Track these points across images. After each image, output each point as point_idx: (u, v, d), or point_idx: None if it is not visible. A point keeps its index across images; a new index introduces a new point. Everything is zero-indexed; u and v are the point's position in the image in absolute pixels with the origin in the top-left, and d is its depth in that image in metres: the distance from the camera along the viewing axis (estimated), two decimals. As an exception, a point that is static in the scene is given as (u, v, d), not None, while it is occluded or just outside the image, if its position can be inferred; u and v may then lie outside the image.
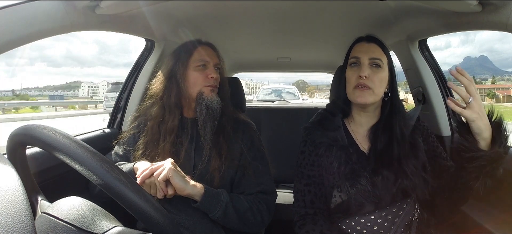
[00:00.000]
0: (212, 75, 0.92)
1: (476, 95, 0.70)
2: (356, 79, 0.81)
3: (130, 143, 0.96)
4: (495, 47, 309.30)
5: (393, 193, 0.78)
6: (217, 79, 0.95)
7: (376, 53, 0.82)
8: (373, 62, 0.81)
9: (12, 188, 0.35)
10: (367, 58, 0.82)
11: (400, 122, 0.83)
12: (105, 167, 0.43)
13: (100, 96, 73.46)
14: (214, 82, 0.93)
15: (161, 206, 0.46)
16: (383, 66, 0.82)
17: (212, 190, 0.83)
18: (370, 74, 0.80)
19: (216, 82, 0.94)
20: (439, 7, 0.88)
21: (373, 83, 0.80)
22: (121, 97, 1.38)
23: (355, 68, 0.83)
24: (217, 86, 0.95)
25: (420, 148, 0.82)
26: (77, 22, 0.81)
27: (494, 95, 46.29)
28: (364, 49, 0.83)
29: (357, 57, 0.83)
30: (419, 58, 1.25)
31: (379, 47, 0.84)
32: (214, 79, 0.93)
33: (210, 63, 0.94)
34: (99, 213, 0.47)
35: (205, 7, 1.07)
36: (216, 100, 0.92)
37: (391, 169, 0.79)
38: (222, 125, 0.93)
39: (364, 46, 0.84)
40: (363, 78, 0.80)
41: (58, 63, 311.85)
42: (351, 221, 0.80)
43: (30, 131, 0.48)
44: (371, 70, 0.81)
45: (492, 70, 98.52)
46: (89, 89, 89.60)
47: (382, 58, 0.82)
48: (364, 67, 0.81)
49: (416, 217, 0.82)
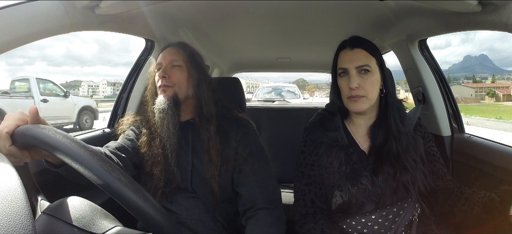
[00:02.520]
0: (161, 74, 0.90)
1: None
2: (348, 90, 0.81)
3: (131, 135, 0.95)
4: (495, 46, 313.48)
5: (393, 189, 0.78)
6: (169, 77, 0.89)
7: (362, 59, 0.80)
8: (361, 69, 0.80)
9: (12, 188, 0.35)
10: (353, 68, 0.80)
11: (396, 116, 0.83)
12: (105, 167, 0.43)
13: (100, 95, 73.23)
14: (162, 82, 0.89)
15: (161, 205, 0.46)
16: (372, 70, 0.80)
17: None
18: (360, 82, 0.79)
19: (167, 81, 0.89)
20: (439, 7, 0.88)
21: (365, 90, 0.79)
22: (121, 97, 1.38)
23: (344, 78, 0.82)
24: (168, 85, 0.89)
25: (419, 142, 0.83)
26: (77, 22, 0.81)
27: (494, 94, 46.31)
28: (349, 58, 0.81)
29: (344, 68, 0.82)
30: (419, 58, 1.25)
31: (364, 51, 0.81)
32: (163, 79, 0.89)
33: (162, 64, 0.92)
34: (99, 213, 0.47)
35: (205, 7, 1.07)
36: (164, 100, 0.88)
37: (391, 164, 0.79)
38: (206, 127, 0.90)
39: (348, 55, 0.82)
40: (354, 90, 0.79)
41: (58, 62, 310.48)
42: (352, 220, 0.80)
43: (30, 131, 0.48)
44: (360, 78, 0.79)
45: (492, 69, 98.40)
46: (89, 88, 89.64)
47: (370, 62, 0.80)
48: (353, 78, 0.79)
49: (416, 217, 0.83)
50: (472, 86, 57.51)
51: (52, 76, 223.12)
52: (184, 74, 0.91)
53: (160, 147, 0.89)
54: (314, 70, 2.59)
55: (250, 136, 0.94)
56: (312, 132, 0.88)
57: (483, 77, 77.06)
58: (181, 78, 0.91)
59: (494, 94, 42.87)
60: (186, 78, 0.92)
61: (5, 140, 0.49)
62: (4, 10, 0.66)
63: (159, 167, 0.88)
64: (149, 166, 0.89)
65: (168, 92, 0.89)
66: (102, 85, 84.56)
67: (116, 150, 0.86)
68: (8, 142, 0.49)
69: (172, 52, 0.93)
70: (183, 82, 0.91)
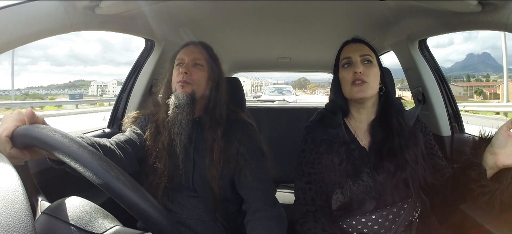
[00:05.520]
0: (182, 71, 0.90)
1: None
2: (352, 76, 0.83)
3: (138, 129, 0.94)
4: (498, 44, 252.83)
5: (394, 186, 0.78)
6: (191, 75, 0.90)
7: (365, 50, 0.86)
8: (365, 59, 0.84)
9: (12, 188, 0.35)
10: (358, 56, 0.84)
11: (396, 113, 0.85)
12: (104, 166, 0.43)
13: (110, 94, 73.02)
14: (183, 77, 0.89)
15: (160, 205, 0.46)
16: (374, 62, 0.85)
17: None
18: (364, 70, 0.83)
19: (188, 77, 0.89)
20: (439, 7, 0.88)
21: (369, 77, 0.82)
22: (121, 97, 1.39)
23: (348, 68, 0.85)
24: (188, 81, 0.89)
25: (419, 137, 0.84)
26: (77, 22, 0.81)
27: (482, 92, 46.92)
28: (354, 49, 0.86)
29: (348, 57, 0.86)
30: (419, 58, 1.25)
31: (366, 46, 0.87)
32: (184, 74, 0.89)
33: (185, 60, 0.92)
34: (98, 212, 0.47)
35: (205, 7, 1.07)
36: (183, 96, 0.88)
37: (392, 160, 0.79)
38: (213, 126, 0.91)
39: (352, 47, 0.87)
40: (359, 74, 0.82)
41: (61, 62, 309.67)
42: (352, 220, 0.80)
43: (29, 131, 0.48)
44: (364, 67, 0.83)
45: (494, 67, 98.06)
46: (98, 87, 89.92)
47: (372, 55, 0.86)
48: (358, 64, 0.83)
49: (416, 217, 0.83)
50: (461, 85, 58.33)
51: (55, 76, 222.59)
52: (204, 74, 0.93)
53: (167, 141, 0.89)
54: (314, 70, 2.59)
55: (253, 140, 0.95)
56: (313, 130, 0.88)
57: (485, 76, 77.05)
58: (201, 78, 0.92)
59: (481, 93, 43.51)
60: (206, 78, 0.93)
61: (5, 143, 0.49)
62: (4, 10, 0.66)
63: (163, 162, 0.88)
64: (153, 160, 0.89)
65: (187, 89, 0.89)
66: (112, 85, 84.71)
67: (122, 143, 0.85)
68: (8, 145, 0.49)
69: (196, 51, 0.94)
70: (202, 82, 0.92)
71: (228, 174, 0.90)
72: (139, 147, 0.90)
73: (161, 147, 0.89)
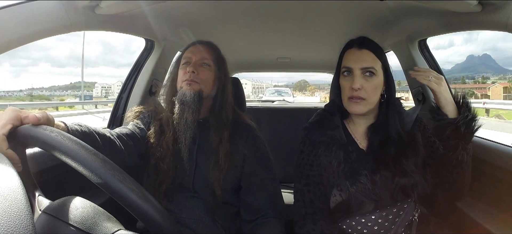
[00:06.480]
0: (190, 69, 0.90)
1: (437, 74, 0.83)
2: (349, 90, 0.80)
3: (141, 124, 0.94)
4: (498, 46, 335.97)
5: (392, 191, 0.78)
6: (198, 74, 0.90)
7: (367, 61, 0.80)
8: (366, 71, 0.80)
9: (12, 188, 0.35)
10: (358, 69, 0.80)
11: (396, 120, 0.83)
12: (104, 166, 0.43)
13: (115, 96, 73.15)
14: (190, 76, 0.89)
15: (161, 205, 0.46)
16: (376, 73, 0.80)
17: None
18: (363, 84, 0.79)
19: (195, 76, 0.89)
20: (439, 7, 0.88)
21: (367, 93, 0.79)
22: (121, 97, 1.38)
23: (347, 78, 0.82)
24: (195, 80, 0.89)
25: (420, 144, 0.83)
26: (77, 22, 0.81)
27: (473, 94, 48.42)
28: (356, 58, 0.81)
29: (348, 67, 0.81)
30: (419, 58, 1.25)
31: (371, 53, 0.81)
32: (191, 73, 0.89)
33: (192, 59, 0.92)
34: (101, 215, 0.46)
35: (205, 7, 1.07)
36: (190, 93, 0.87)
37: (389, 168, 0.79)
38: (220, 128, 0.91)
39: (355, 54, 0.82)
40: (356, 91, 0.79)
41: (62, 63, 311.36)
42: (352, 221, 0.80)
43: (29, 131, 0.48)
44: (364, 80, 0.79)
45: (494, 69, 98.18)
46: (103, 89, 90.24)
47: (375, 65, 0.80)
48: (357, 79, 0.79)
49: (416, 217, 0.83)
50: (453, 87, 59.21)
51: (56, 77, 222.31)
52: (211, 74, 0.93)
53: (171, 141, 0.88)
54: (314, 70, 2.59)
55: (260, 146, 0.95)
56: (311, 131, 0.88)
57: (486, 77, 77.28)
58: (208, 78, 0.92)
59: (473, 94, 44.87)
60: (213, 78, 0.93)
61: (1, 142, 0.48)
62: (4, 10, 0.66)
63: (167, 163, 0.87)
64: (156, 158, 0.89)
65: (194, 87, 0.89)
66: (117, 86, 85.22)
67: (123, 135, 0.85)
68: (5, 145, 0.48)
69: (204, 51, 0.94)
70: (209, 82, 0.92)
71: (232, 178, 0.90)
72: (141, 141, 0.89)
73: (165, 147, 0.88)
